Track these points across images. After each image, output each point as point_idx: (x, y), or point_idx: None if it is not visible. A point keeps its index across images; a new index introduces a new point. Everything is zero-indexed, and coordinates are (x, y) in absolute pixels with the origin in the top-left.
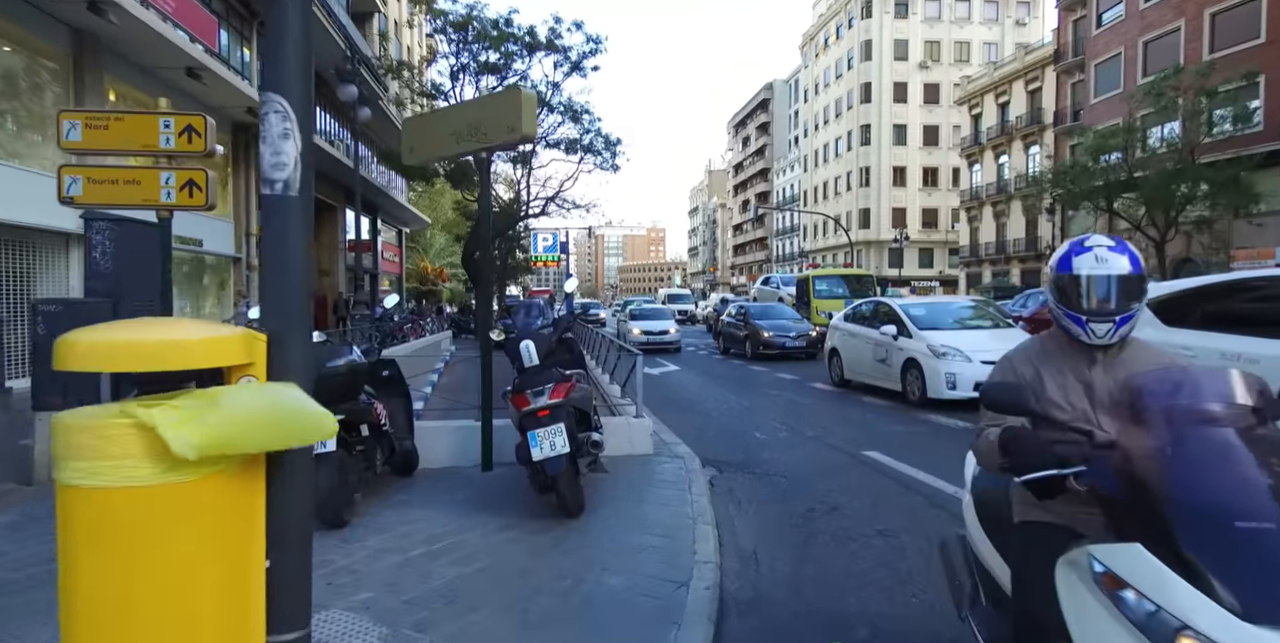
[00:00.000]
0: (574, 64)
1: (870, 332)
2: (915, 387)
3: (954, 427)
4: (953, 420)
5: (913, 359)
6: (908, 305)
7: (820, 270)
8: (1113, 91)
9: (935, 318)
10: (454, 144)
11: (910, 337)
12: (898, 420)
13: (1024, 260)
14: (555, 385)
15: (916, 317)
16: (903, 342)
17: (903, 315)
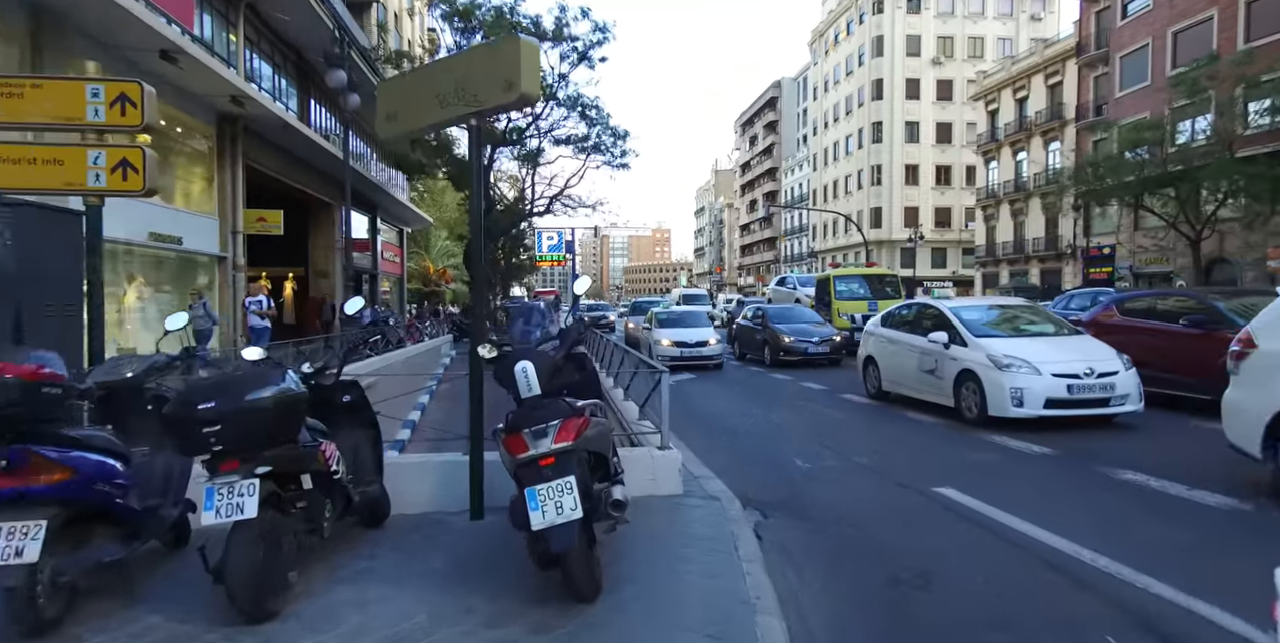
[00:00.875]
0: (581, 54)
1: (914, 338)
2: (972, 402)
3: (1030, 453)
4: (1026, 444)
5: (969, 371)
6: (958, 309)
7: (841, 270)
8: (1140, 84)
9: (991, 323)
10: (438, 108)
11: (965, 345)
12: (959, 443)
13: (1044, 260)
14: (563, 422)
15: (971, 322)
16: (956, 350)
17: (955, 321)
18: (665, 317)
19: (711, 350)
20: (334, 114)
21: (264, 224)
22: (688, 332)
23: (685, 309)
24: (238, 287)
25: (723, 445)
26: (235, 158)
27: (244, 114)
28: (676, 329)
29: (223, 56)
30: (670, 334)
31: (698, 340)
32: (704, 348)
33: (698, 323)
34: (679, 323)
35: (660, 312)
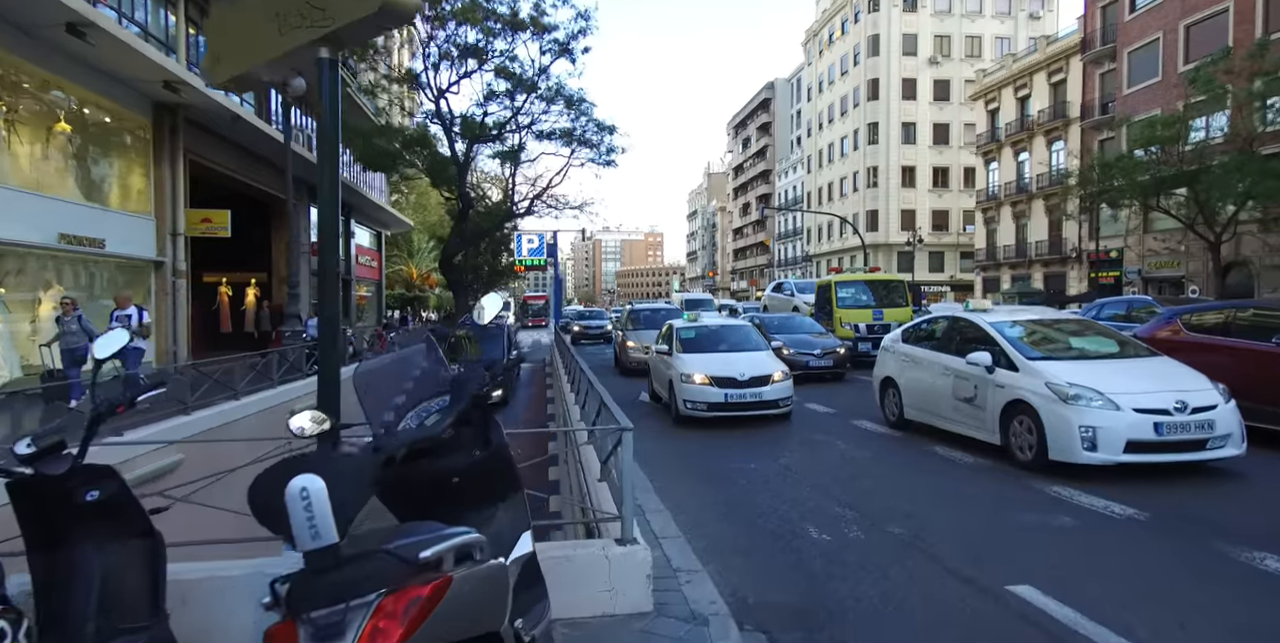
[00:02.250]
0: (563, 46)
1: (946, 359)
2: (1025, 442)
3: (1113, 516)
4: (1103, 502)
5: (1022, 403)
6: (1002, 324)
7: (844, 275)
8: (1150, 80)
9: (1043, 342)
10: (278, 37)
11: (1016, 370)
12: (1016, 500)
13: (1047, 264)
14: (381, 604)
15: (1020, 341)
16: (1004, 376)
17: (1001, 339)
18: (694, 335)
19: (777, 392)
20: (300, 107)
21: (209, 225)
22: (735, 361)
23: (722, 322)
24: (179, 295)
25: (712, 504)
26: (175, 152)
27: (183, 103)
28: (714, 357)
29: (160, 39)
30: (707, 366)
31: (754, 376)
32: (765, 389)
33: (746, 345)
34: (716, 345)
35: (684, 327)
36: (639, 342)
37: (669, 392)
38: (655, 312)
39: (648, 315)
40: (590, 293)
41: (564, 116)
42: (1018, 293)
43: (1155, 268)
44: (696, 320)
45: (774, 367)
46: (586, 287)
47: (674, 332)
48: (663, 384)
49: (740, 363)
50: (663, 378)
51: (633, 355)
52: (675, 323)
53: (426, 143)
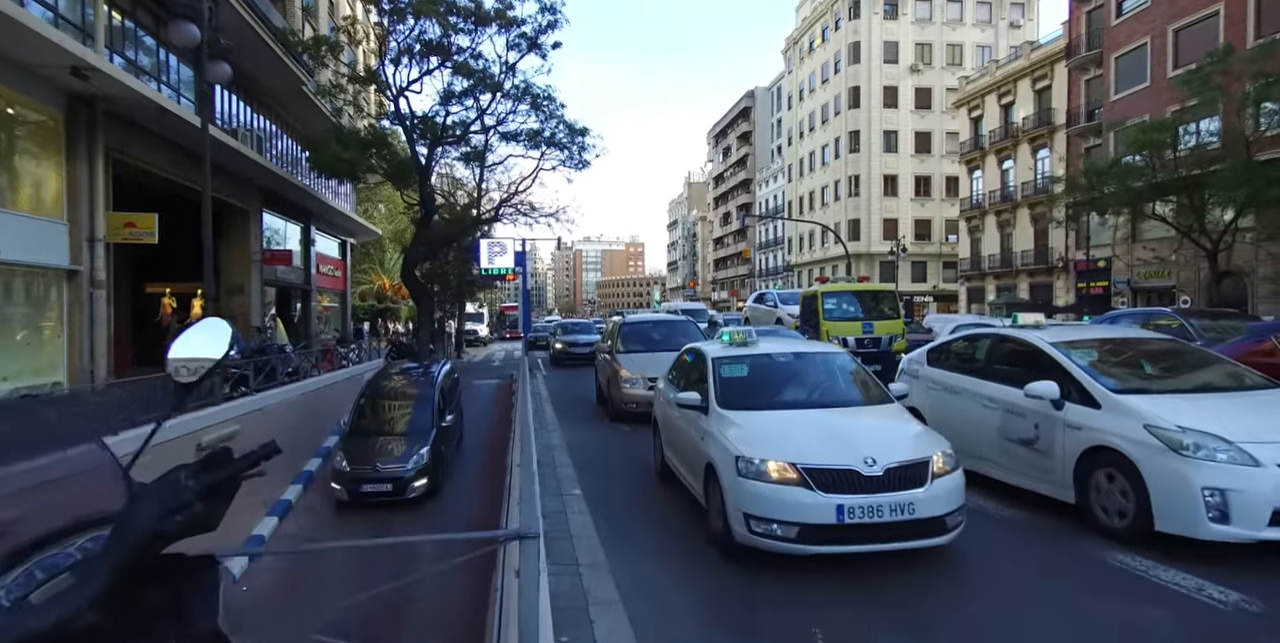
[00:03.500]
0: (531, 41)
1: (991, 388)
2: (1115, 504)
3: (1223, 605)
4: (1243, 599)
5: (1107, 451)
6: (1068, 346)
7: (831, 285)
8: (1138, 86)
9: (1126, 369)
10: None
11: (1097, 405)
12: (1105, 591)
13: (1033, 274)
14: None
15: (1093, 366)
16: (1079, 414)
17: (1072, 365)
18: (746, 375)
19: (938, 498)
20: (249, 103)
21: (133, 230)
22: (846, 432)
23: (796, 350)
24: (96, 308)
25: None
26: (94, 149)
27: (99, 93)
28: (800, 423)
29: (72, 20)
30: (790, 443)
31: (894, 466)
32: (917, 494)
33: (853, 394)
34: (797, 396)
35: (726, 358)
36: (636, 371)
37: (706, 484)
38: (658, 327)
39: (645, 331)
40: (571, 303)
41: (531, 117)
42: (1004, 303)
43: (1145, 278)
44: (746, 343)
45: (927, 444)
46: (567, 297)
47: (711, 369)
48: (689, 463)
49: (858, 434)
50: (688, 450)
51: (628, 392)
52: (708, 351)
53: (386, 145)
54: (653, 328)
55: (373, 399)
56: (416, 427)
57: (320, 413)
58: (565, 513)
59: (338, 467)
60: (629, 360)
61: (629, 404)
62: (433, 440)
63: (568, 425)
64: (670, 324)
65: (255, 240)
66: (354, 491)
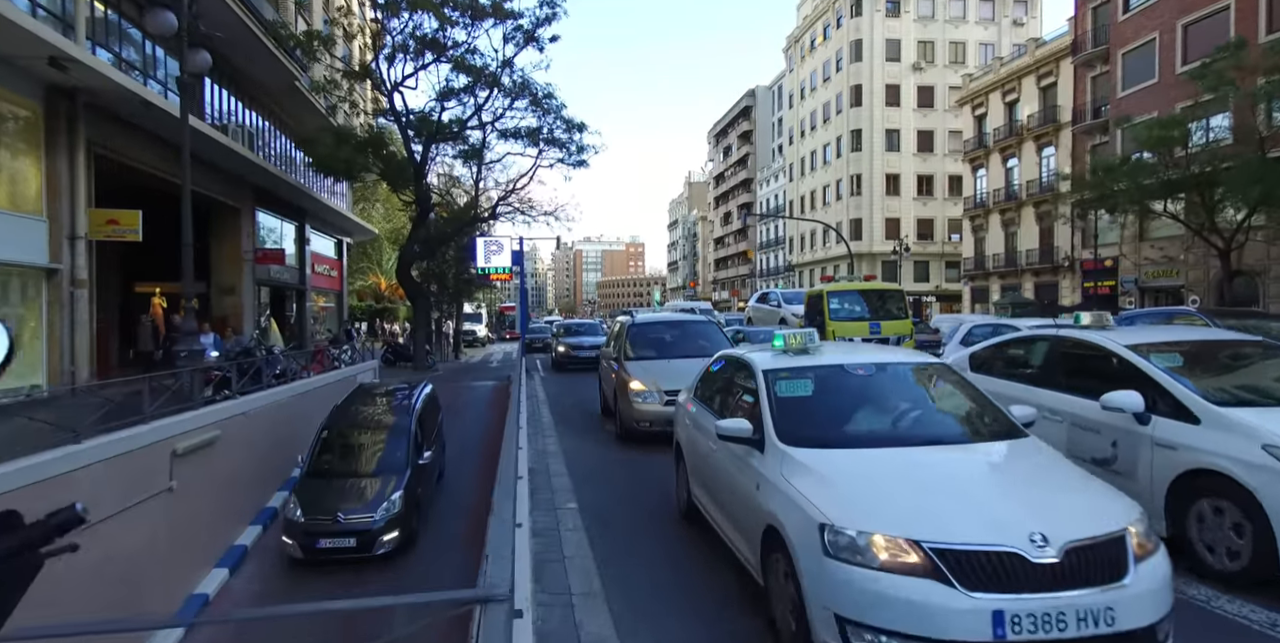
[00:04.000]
0: (528, 34)
1: (1053, 398)
2: (1224, 541)
3: None
4: None
5: (1211, 475)
6: (1145, 348)
7: (836, 284)
8: (1146, 82)
9: (1221, 377)
10: None
11: (1196, 421)
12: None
13: (1038, 273)
14: None
15: (1184, 373)
16: (1171, 430)
17: (1159, 373)
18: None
19: (1139, 601)
20: (241, 100)
21: (116, 227)
22: (992, 494)
23: (880, 360)
24: (78, 307)
25: None
26: (75, 143)
27: (80, 85)
28: (917, 476)
29: (51, 10)
30: (907, 507)
31: (1075, 546)
32: (1115, 597)
33: (957, 431)
34: (901, 433)
35: (785, 371)
36: (649, 382)
37: (765, 556)
38: (674, 328)
39: (659, 334)
40: (571, 303)
41: (530, 113)
42: (1010, 303)
43: (1152, 277)
44: (806, 349)
45: (1113, 508)
46: (568, 297)
47: (764, 387)
48: (735, 519)
49: (1005, 491)
50: (734, 500)
51: (641, 408)
52: (756, 361)
53: (382, 143)
54: (667, 330)
55: (337, 432)
56: (388, 465)
57: (305, 418)
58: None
59: (291, 516)
60: (640, 369)
61: (641, 423)
62: (407, 482)
63: (567, 439)
64: (688, 326)
65: (248, 239)
66: (309, 546)
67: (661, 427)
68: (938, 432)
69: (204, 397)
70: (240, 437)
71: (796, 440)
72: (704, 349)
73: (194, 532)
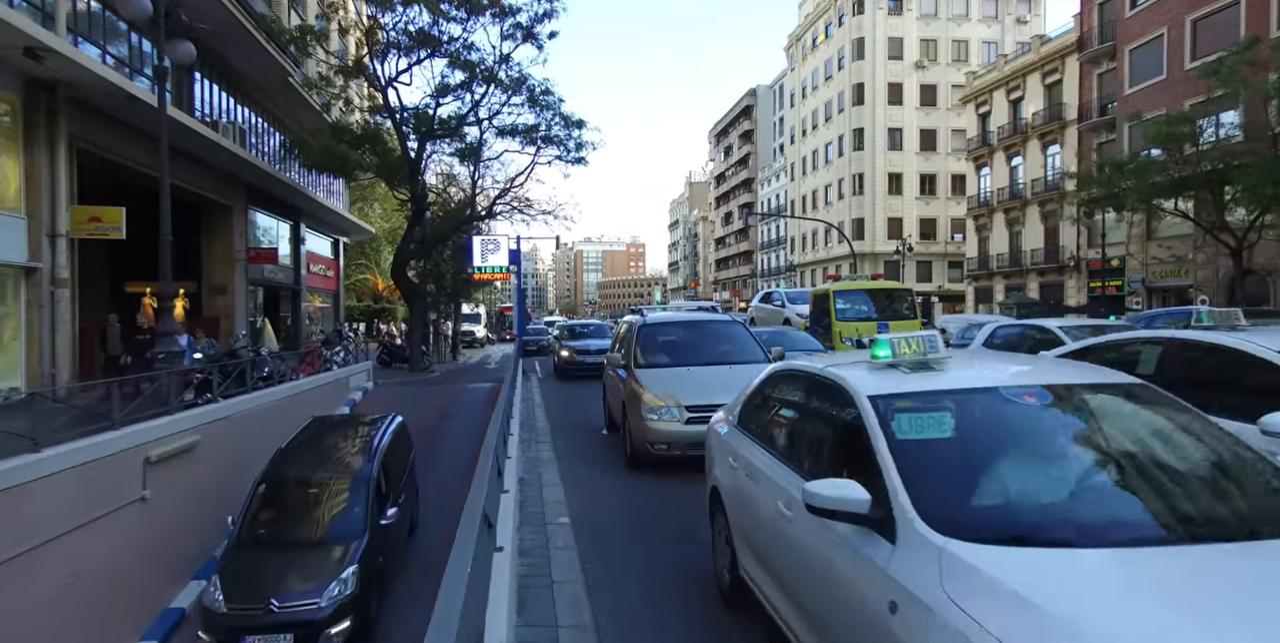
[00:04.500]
0: (526, 29)
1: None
2: None
3: None
4: None
5: None
6: None
7: (843, 284)
8: (1154, 79)
9: None
10: None
11: None
12: None
13: (1043, 273)
14: None
15: None
16: None
17: None
18: (945, 438)
19: None
20: (234, 96)
21: (98, 225)
22: None
23: (1049, 380)
24: (59, 307)
25: None
26: (55, 138)
27: (60, 78)
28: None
29: (34, 2)
30: None
31: None
32: None
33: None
34: (1087, 479)
35: (901, 392)
36: (666, 395)
37: None
38: (693, 330)
39: (675, 336)
40: (572, 304)
41: (527, 109)
42: (1015, 303)
43: (1160, 277)
44: (930, 366)
45: None
46: (568, 298)
47: (878, 432)
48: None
49: None
50: (829, 609)
51: (656, 426)
52: (856, 385)
53: (378, 140)
54: (685, 331)
55: (278, 484)
56: (341, 530)
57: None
58: None
59: (210, 603)
60: (655, 379)
61: (657, 445)
62: (364, 552)
63: (566, 466)
64: (709, 326)
65: (240, 238)
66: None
67: (682, 450)
68: (1210, 516)
69: (181, 401)
70: (222, 442)
71: (965, 530)
72: (729, 355)
73: (171, 542)
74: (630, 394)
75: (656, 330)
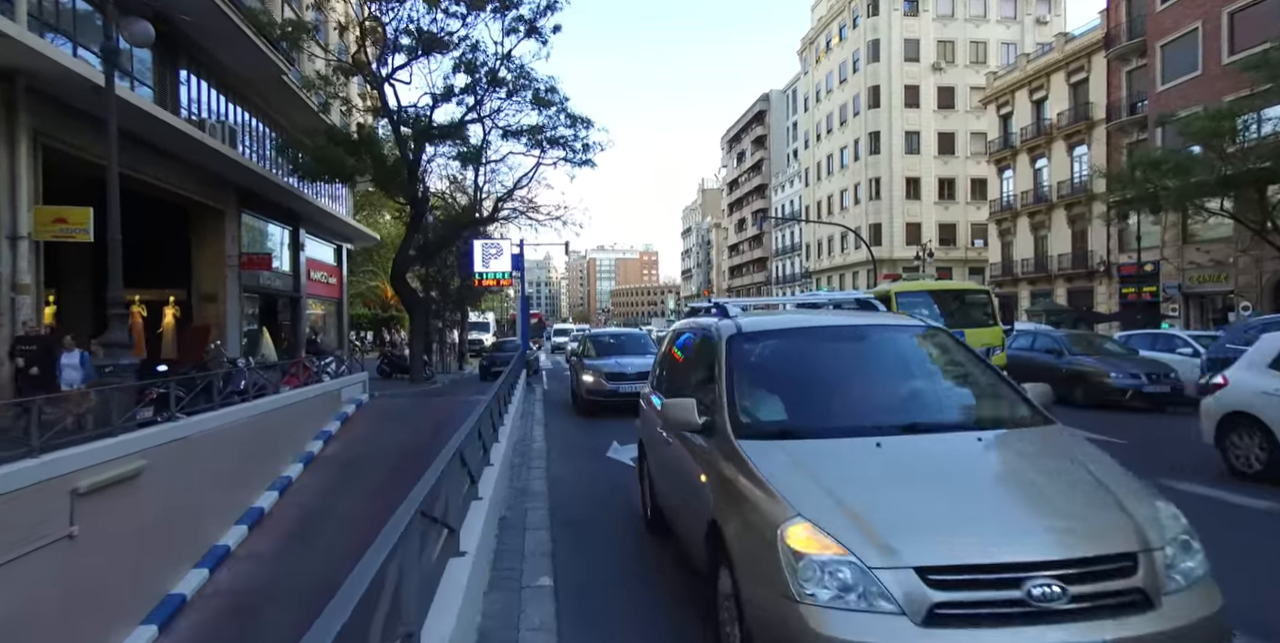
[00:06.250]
0: (529, 24)
1: None
2: None
3: None
4: None
5: None
6: None
7: (905, 284)
8: (1189, 74)
9: None
10: None
11: None
12: None
13: (1071, 279)
14: None
15: None
16: None
17: None
18: None
19: None
20: (225, 94)
21: (64, 226)
22: None
23: None
24: (17, 314)
25: None
26: (14, 132)
27: (16, 66)
28: None
29: None
30: None
31: None
32: None
33: None
34: None
35: None
36: (856, 532)
37: None
38: (850, 346)
39: (809, 362)
40: (585, 312)
41: (530, 108)
42: (1044, 310)
43: (1198, 282)
44: None
45: None
46: (581, 306)
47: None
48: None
49: None
50: None
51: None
52: None
53: (374, 144)
54: (838, 350)
55: None
56: None
57: (270, 441)
58: None
59: None
60: (795, 471)
61: None
62: None
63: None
64: (888, 340)
65: (232, 243)
66: None
67: None
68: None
69: (128, 419)
70: (178, 465)
71: None
72: (949, 402)
73: (108, 584)
74: (732, 505)
75: (766, 349)
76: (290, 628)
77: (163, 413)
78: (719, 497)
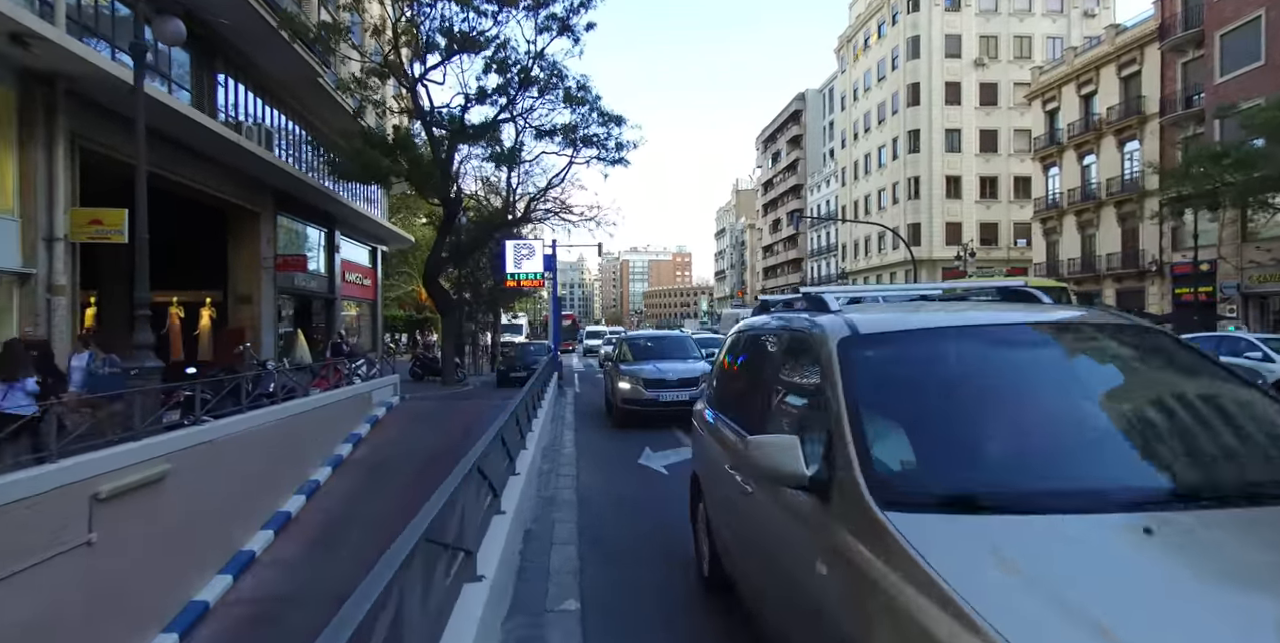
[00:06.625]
0: (562, 22)
1: None
2: None
3: None
4: None
5: None
6: None
7: (971, 281)
8: (1251, 65)
9: None
10: None
11: None
12: None
13: (1120, 279)
14: None
15: None
16: None
17: None
18: None
19: None
20: (260, 96)
21: (100, 228)
22: None
23: None
24: (55, 316)
25: None
26: (53, 135)
27: (57, 70)
28: None
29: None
30: None
31: None
32: None
33: None
34: None
35: None
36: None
37: None
38: (1015, 357)
39: (972, 378)
40: (618, 314)
41: (563, 106)
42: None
43: (1258, 282)
44: None
45: None
46: (614, 308)
47: None
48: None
49: None
50: None
51: None
52: None
53: (409, 147)
54: (1004, 363)
55: None
56: None
57: (298, 444)
58: None
59: None
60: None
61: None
62: None
63: None
64: (1084, 345)
65: (268, 245)
66: None
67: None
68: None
69: (154, 421)
70: (203, 469)
71: None
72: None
73: (130, 590)
74: (890, 631)
75: (902, 360)
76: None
77: (189, 416)
78: (855, 609)
